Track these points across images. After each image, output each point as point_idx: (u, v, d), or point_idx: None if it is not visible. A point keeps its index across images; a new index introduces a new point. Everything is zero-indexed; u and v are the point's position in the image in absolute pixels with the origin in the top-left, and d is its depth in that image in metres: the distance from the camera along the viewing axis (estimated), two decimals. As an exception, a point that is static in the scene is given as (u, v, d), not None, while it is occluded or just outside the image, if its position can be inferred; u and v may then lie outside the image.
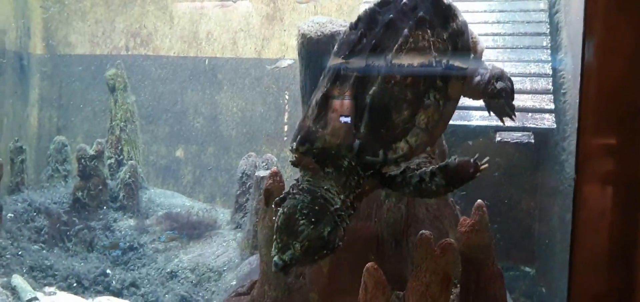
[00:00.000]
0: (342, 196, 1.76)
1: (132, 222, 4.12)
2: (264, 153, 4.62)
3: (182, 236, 4.07)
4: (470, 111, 2.84)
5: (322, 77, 1.93)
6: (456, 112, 2.93)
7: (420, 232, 2.05)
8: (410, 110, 1.77)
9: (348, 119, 1.79)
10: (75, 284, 3.42)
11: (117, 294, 3.35)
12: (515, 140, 2.76)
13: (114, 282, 3.46)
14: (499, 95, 2.00)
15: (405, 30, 1.81)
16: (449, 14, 1.91)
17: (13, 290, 3.26)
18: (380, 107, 1.75)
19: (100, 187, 4.19)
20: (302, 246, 1.69)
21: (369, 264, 2.12)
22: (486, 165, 1.76)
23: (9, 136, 5.13)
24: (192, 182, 5.77)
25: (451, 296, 2.17)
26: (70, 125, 5.80)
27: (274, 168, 2.42)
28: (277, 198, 1.85)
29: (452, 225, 2.41)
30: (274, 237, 1.75)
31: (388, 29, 1.85)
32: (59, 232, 3.91)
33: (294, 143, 1.83)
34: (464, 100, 3.01)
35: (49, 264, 3.54)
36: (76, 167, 4.33)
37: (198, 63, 5.68)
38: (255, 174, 3.77)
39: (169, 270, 3.55)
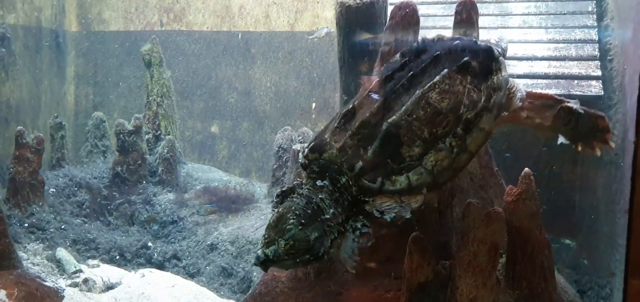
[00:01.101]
0: (332, 210, 1.80)
1: (171, 196, 4.17)
2: (298, 127, 4.61)
3: (220, 210, 4.10)
4: (514, 79, 2.78)
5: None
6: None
7: (468, 201, 2.03)
8: (422, 149, 1.78)
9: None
10: (117, 257, 3.48)
11: (159, 266, 3.40)
12: (560, 109, 2.69)
13: (155, 254, 3.51)
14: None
15: (446, 70, 1.82)
16: (495, 67, 1.88)
17: (58, 262, 3.33)
18: (393, 136, 1.78)
19: (139, 162, 4.24)
20: (287, 244, 1.73)
21: (414, 234, 2.11)
22: None
23: (48, 113, 5.21)
24: (227, 157, 5.80)
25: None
26: (106, 102, 5.87)
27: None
28: (279, 191, 1.94)
29: (497, 195, 2.38)
30: (264, 232, 1.80)
31: (431, 64, 1.87)
32: (100, 207, 3.98)
33: (306, 149, 1.89)
34: (508, 67, 2.96)
35: (91, 237, 3.60)
36: (115, 143, 4.39)
37: (231, 37, 5.67)
38: (292, 147, 3.77)
39: (209, 243, 3.59)
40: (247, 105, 5.69)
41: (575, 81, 2.72)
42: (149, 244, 3.60)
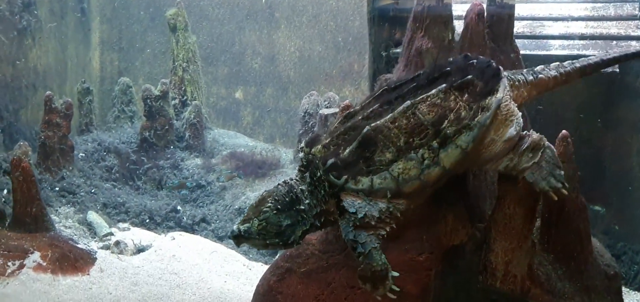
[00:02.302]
0: (308, 201, 1.87)
1: (198, 161, 4.19)
2: (322, 93, 4.58)
3: (247, 175, 4.11)
4: (549, 40, 2.72)
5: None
6: (533, 41, 2.83)
7: (505, 163, 1.99)
8: (394, 156, 1.79)
9: None
10: (147, 220, 3.51)
11: (188, 229, 3.43)
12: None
13: (184, 218, 3.55)
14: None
15: (444, 85, 1.81)
16: (493, 88, 1.83)
17: (89, 226, 3.38)
18: (371, 140, 1.80)
19: (167, 127, 4.25)
20: (260, 225, 1.84)
21: (449, 197, 2.08)
22: None
23: (74, 79, 5.24)
24: (251, 123, 5.80)
25: (532, 230, 2.11)
26: (131, 68, 5.89)
27: (347, 101, 2.38)
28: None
29: (532, 158, 2.33)
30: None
31: (437, 79, 1.86)
32: (128, 171, 4.01)
33: (304, 141, 1.97)
34: (542, 28, 2.89)
35: (121, 201, 3.64)
36: (141, 108, 4.40)
37: (255, 2, 5.62)
38: (319, 112, 3.75)
39: (236, 206, 3.61)
40: (271, 70, 5.66)
41: (614, 42, 2.64)
42: (178, 207, 3.63)
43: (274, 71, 5.62)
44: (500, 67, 1.89)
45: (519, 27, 2.80)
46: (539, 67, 2.01)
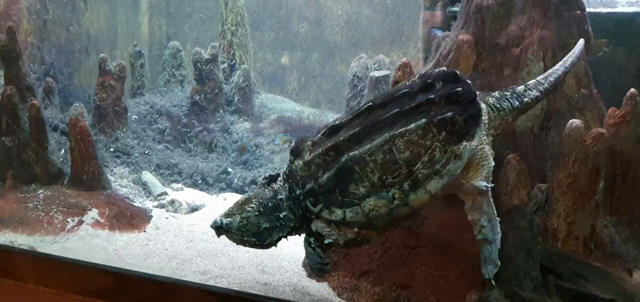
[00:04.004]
0: (285, 213, 1.95)
1: (247, 125, 4.21)
2: (371, 57, 4.52)
3: (295, 138, 4.11)
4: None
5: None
6: (597, -1, 2.72)
7: (571, 121, 1.94)
8: (367, 191, 1.82)
9: None
10: (200, 181, 3.56)
11: (239, 190, 3.46)
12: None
13: (235, 180, 3.58)
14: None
15: (424, 120, 1.80)
16: (470, 132, 1.82)
17: (144, 185, 3.44)
18: (348, 170, 1.83)
19: (216, 91, 4.28)
20: (240, 222, 1.95)
21: (510, 156, 2.05)
22: None
23: (124, 44, 5.32)
24: (297, 89, 5.78)
25: (596, 191, 2.06)
26: (179, 33, 5.92)
27: (404, 59, 2.35)
28: (267, 175, 2.11)
29: (595, 119, 2.27)
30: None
31: (422, 106, 1.84)
32: (180, 134, 4.06)
33: (291, 148, 2.02)
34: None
35: (174, 162, 3.69)
36: (191, 72, 4.44)
37: (301, -36, 5.57)
38: (369, 74, 3.71)
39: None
40: (318, 35, 5.61)
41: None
42: (229, 170, 3.67)
43: (321, 35, 5.57)
44: (480, 108, 1.85)
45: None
46: (520, 89, 1.97)
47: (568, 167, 1.93)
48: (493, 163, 1.88)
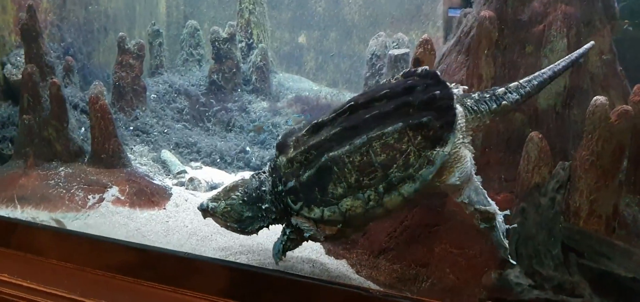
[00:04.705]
0: (267, 205, 2.05)
1: (265, 104, 4.21)
2: (388, 36, 4.48)
3: (310, 119, 4.10)
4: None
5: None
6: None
7: (595, 98, 1.91)
8: (344, 191, 1.89)
9: None
10: (218, 160, 3.58)
11: (257, 169, 3.46)
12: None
13: (253, 159, 3.59)
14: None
15: (400, 124, 1.84)
16: (444, 137, 1.85)
17: (163, 163, 3.47)
18: (328, 171, 1.89)
19: (234, 70, 4.28)
20: (225, 208, 2.07)
21: (533, 134, 2.03)
22: None
23: (142, 23, 5.33)
24: (314, 68, 5.76)
25: (619, 170, 2.03)
26: (196, 12, 5.92)
27: (425, 35, 2.32)
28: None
29: (619, 96, 2.23)
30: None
31: (399, 109, 1.87)
32: (198, 113, 4.08)
33: (276, 142, 2.09)
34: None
35: (192, 141, 3.71)
36: (209, 51, 4.44)
37: (319, -57, 5.53)
38: (389, 52, 3.68)
39: (302, 148, 3.61)
40: (335, 14, 5.58)
41: None
42: (247, 148, 3.68)
43: (338, 14, 5.54)
44: (456, 114, 1.88)
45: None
46: (500, 91, 1.98)
47: (591, 144, 1.91)
48: (469, 164, 1.92)
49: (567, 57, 2.03)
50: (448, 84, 1.95)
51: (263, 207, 2.06)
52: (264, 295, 1.96)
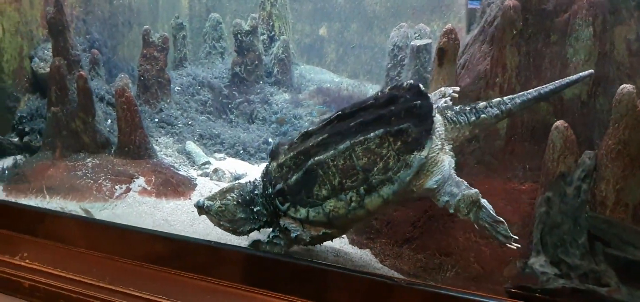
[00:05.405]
0: (258, 208, 2.16)
1: (287, 96, 4.23)
2: (410, 27, 4.47)
3: (333, 110, 4.12)
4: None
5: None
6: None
7: (622, 86, 1.90)
8: (328, 193, 1.99)
9: None
10: (241, 151, 3.61)
11: (280, 160, 3.49)
12: None
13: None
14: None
15: (382, 130, 1.93)
16: (421, 143, 1.93)
17: (188, 155, 3.51)
18: (313, 174, 1.99)
19: (256, 62, 4.30)
20: (219, 208, 2.18)
21: (558, 123, 2.02)
22: None
23: (165, 17, 5.38)
24: (335, 60, 5.77)
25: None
26: (218, 5, 5.95)
27: (449, 25, 2.32)
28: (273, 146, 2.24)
29: (646, 84, 2.21)
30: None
31: (382, 118, 1.96)
32: (221, 105, 4.11)
33: (269, 150, 2.24)
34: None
35: (216, 133, 3.75)
36: (231, 44, 4.47)
37: None
38: (411, 43, 3.67)
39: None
40: (356, 5, 5.57)
41: None
42: (270, 139, 3.71)
43: (359, 6, 5.53)
44: (433, 122, 1.95)
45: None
46: (481, 104, 2.04)
47: (618, 133, 1.90)
48: (447, 168, 1.97)
49: (558, 81, 2.04)
50: (429, 95, 2.04)
51: (255, 210, 2.17)
52: (289, 283, 1.99)
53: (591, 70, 2.06)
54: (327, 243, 2.37)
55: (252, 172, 3.36)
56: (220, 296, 2.05)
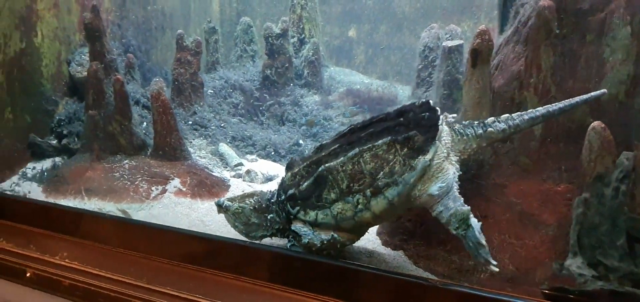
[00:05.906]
0: (272, 215, 2.25)
1: (317, 98, 4.26)
2: (441, 28, 4.45)
3: (364, 111, 4.13)
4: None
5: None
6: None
7: (661, 85, 1.87)
8: (336, 196, 2.06)
9: None
10: (273, 153, 3.65)
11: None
12: None
13: (306, 151, 3.63)
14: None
15: (389, 138, 2.01)
16: (426, 148, 1.98)
17: (221, 156, 3.56)
18: (323, 179, 2.07)
19: (287, 65, 4.34)
20: (236, 210, 2.29)
21: (595, 123, 2.00)
22: None
23: (197, 21, 5.46)
24: (364, 61, 5.78)
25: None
26: (249, 9, 6.02)
27: (482, 26, 2.32)
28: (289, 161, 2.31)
29: (686, 84, 2.17)
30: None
31: (391, 129, 2.04)
32: (253, 107, 4.16)
33: (286, 163, 2.30)
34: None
35: (248, 135, 3.79)
36: (262, 47, 4.51)
37: (369, -63, 5.53)
38: (442, 44, 3.67)
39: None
40: (386, 6, 5.57)
41: None
42: (300, 141, 3.73)
43: (389, 7, 5.53)
44: (438, 128, 2.01)
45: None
46: (489, 119, 2.07)
47: (657, 133, 1.87)
48: (451, 178, 2.00)
49: (570, 99, 2.05)
50: (438, 109, 2.08)
51: (268, 217, 2.26)
52: (322, 284, 2.00)
53: (604, 90, 2.05)
54: (359, 245, 2.38)
55: (284, 172, 3.39)
56: (256, 295, 2.07)
